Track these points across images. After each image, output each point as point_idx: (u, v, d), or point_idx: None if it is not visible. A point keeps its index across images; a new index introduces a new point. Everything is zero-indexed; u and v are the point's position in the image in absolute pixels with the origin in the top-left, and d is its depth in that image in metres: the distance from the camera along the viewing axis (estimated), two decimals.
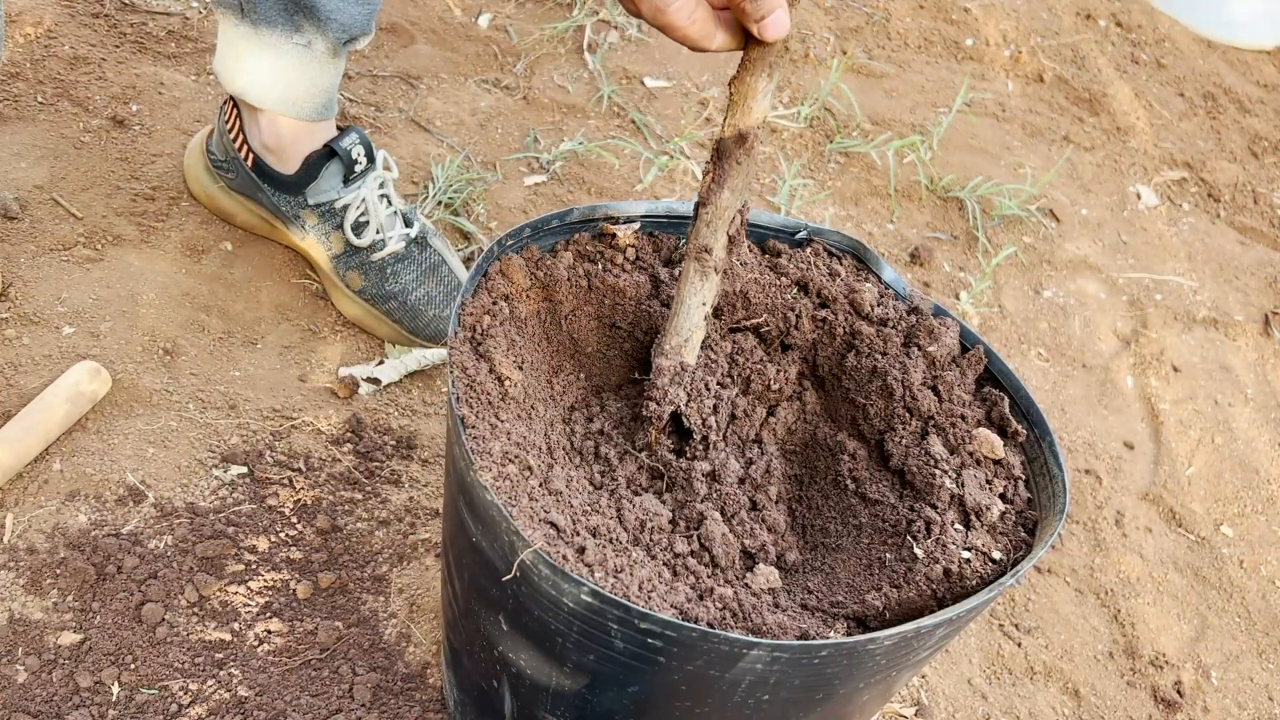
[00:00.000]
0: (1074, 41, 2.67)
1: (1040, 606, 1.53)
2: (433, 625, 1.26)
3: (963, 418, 1.01)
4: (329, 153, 1.46)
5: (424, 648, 1.23)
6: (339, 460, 1.38)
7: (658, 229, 1.11)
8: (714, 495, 1.00)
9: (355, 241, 1.48)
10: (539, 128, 1.95)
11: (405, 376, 1.50)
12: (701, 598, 0.89)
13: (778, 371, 1.07)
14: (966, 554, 0.92)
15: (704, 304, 0.98)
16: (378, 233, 1.49)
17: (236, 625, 1.20)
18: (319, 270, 1.55)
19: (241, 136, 1.50)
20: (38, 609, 1.16)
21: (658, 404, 0.98)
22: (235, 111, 1.50)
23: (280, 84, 1.42)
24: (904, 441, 1.02)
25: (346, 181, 1.48)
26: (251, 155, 1.50)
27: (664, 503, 0.99)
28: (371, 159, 1.48)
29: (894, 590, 0.91)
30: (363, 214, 1.48)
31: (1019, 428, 1.00)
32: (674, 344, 0.99)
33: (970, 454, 0.99)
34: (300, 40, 1.38)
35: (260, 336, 1.49)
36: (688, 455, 1.02)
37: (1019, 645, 1.47)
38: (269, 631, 1.20)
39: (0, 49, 1.39)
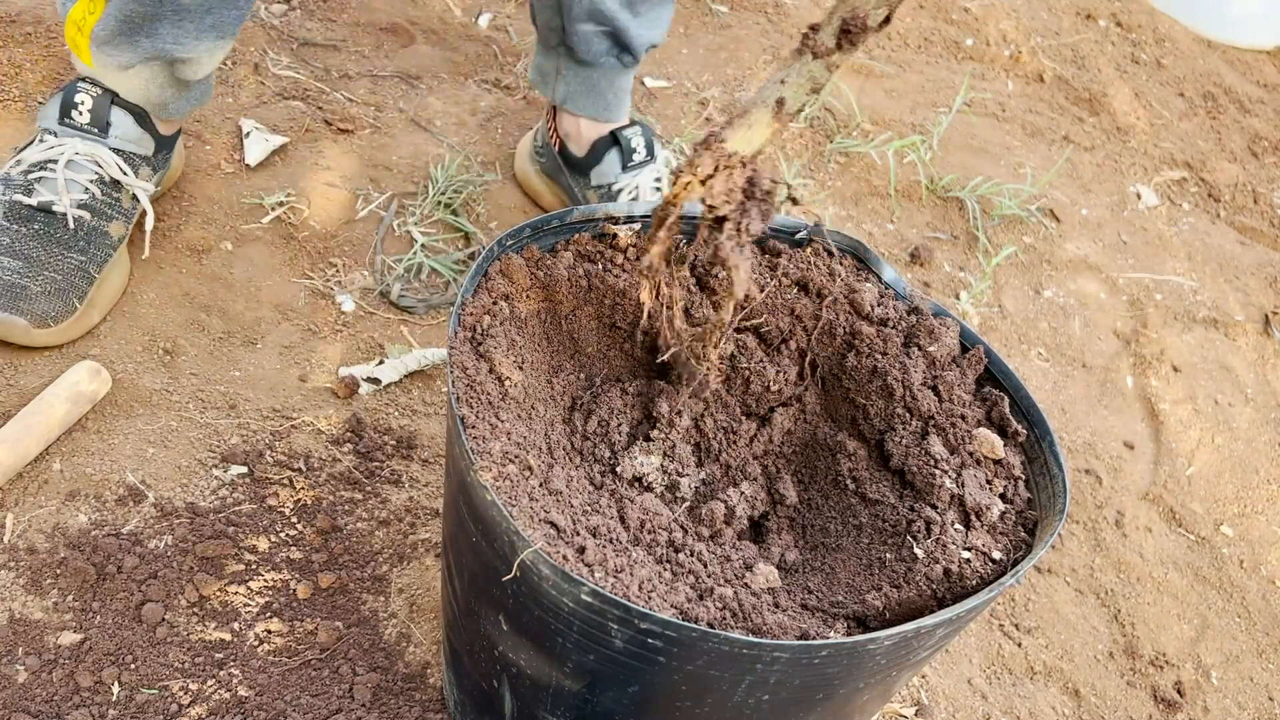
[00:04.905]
0: (1074, 41, 2.67)
1: (1040, 606, 1.53)
2: (433, 625, 1.26)
3: (963, 418, 1.01)
4: (612, 139, 1.67)
5: (424, 648, 1.23)
6: (339, 460, 1.38)
7: None
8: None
9: None
10: None
11: (405, 376, 1.50)
12: (701, 598, 0.89)
13: (777, 372, 1.07)
14: (966, 554, 0.92)
15: (781, 82, 0.83)
16: None
17: (236, 625, 1.20)
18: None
19: (554, 125, 1.75)
20: (38, 609, 1.16)
21: (695, 150, 0.87)
22: (552, 108, 1.75)
23: (580, 93, 1.69)
24: (904, 441, 1.02)
25: (624, 168, 1.67)
26: (559, 141, 1.74)
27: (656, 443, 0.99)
28: (652, 154, 1.68)
29: (894, 590, 0.91)
30: (634, 198, 1.64)
31: (1019, 428, 1.00)
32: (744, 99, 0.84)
33: (970, 454, 0.99)
34: (612, 60, 1.64)
35: (260, 336, 1.49)
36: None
37: (1019, 645, 1.47)
38: (269, 631, 1.20)
39: (206, 95, 1.49)
